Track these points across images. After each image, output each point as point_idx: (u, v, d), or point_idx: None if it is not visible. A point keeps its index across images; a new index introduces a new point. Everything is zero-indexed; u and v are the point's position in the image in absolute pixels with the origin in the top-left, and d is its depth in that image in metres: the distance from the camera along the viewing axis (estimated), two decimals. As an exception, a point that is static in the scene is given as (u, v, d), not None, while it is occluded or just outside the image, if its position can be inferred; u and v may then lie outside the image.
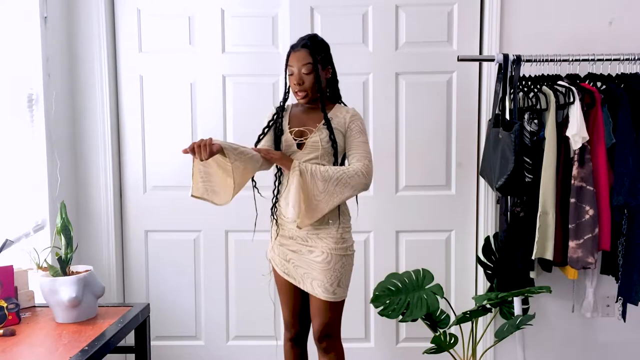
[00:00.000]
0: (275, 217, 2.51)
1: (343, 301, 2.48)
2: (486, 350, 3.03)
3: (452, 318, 2.94)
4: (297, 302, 2.55)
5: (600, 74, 2.84)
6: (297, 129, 2.46)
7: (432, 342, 2.75)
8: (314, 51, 2.40)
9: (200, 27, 3.16)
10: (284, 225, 2.48)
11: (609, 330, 3.17)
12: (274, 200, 2.52)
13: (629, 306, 2.88)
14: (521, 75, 2.80)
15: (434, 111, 3.16)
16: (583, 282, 3.02)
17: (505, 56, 2.77)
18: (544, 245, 2.74)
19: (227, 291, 3.30)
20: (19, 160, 2.71)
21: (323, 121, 2.43)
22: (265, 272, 2.68)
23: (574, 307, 3.09)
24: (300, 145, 2.44)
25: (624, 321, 2.92)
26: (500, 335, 2.77)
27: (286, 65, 2.44)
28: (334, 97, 2.55)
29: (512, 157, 2.57)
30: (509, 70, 2.76)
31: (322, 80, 2.43)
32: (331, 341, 2.49)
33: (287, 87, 2.50)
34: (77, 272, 2.35)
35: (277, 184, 2.52)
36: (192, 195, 2.29)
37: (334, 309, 2.45)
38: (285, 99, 2.52)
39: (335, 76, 2.52)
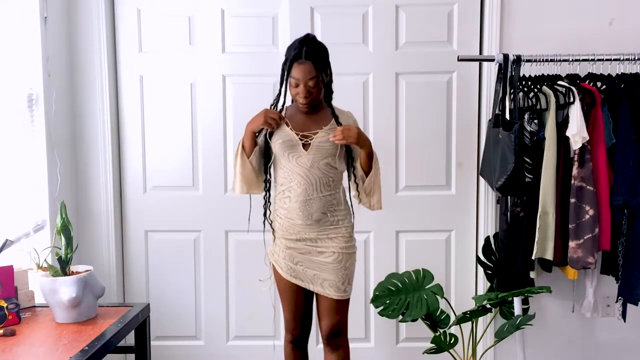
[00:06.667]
0: (279, 220, 2.49)
1: (349, 298, 2.52)
2: (486, 350, 3.03)
3: (452, 318, 2.94)
4: (300, 305, 2.55)
5: (601, 74, 2.84)
6: (301, 132, 2.43)
7: (432, 342, 2.75)
8: (318, 63, 2.36)
9: (200, 27, 3.16)
10: (291, 229, 2.46)
11: (609, 330, 3.17)
12: (275, 203, 2.50)
13: (629, 306, 2.88)
14: (521, 75, 2.79)
15: (434, 111, 3.16)
16: (583, 282, 3.02)
17: (505, 56, 2.77)
18: (544, 245, 2.74)
19: (227, 291, 3.30)
20: (19, 160, 2.71)
21: (329, 124, 2.44)
22: (263, 276, 2.67)
23: (574, 307, 3.09)
24: (305, 146, 2.42)
25: (624, 321, 2.92)
26: (500, 335, 2.77)
27: (287, 74, 2.38)
28: (328, 97, 2.50)
29: (512, 157, 2.57)
30: (509, 70, 2.76)
31: (323, 87, 2.41)
32: (341, 338, 2.53)
33: (285, 92, 2.46)
34: (77, 272, 2.35)
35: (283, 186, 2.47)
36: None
37: (343, 307, 2.50)
38: (282, 103, 2.48)
39: (331, 76, 2.48)
